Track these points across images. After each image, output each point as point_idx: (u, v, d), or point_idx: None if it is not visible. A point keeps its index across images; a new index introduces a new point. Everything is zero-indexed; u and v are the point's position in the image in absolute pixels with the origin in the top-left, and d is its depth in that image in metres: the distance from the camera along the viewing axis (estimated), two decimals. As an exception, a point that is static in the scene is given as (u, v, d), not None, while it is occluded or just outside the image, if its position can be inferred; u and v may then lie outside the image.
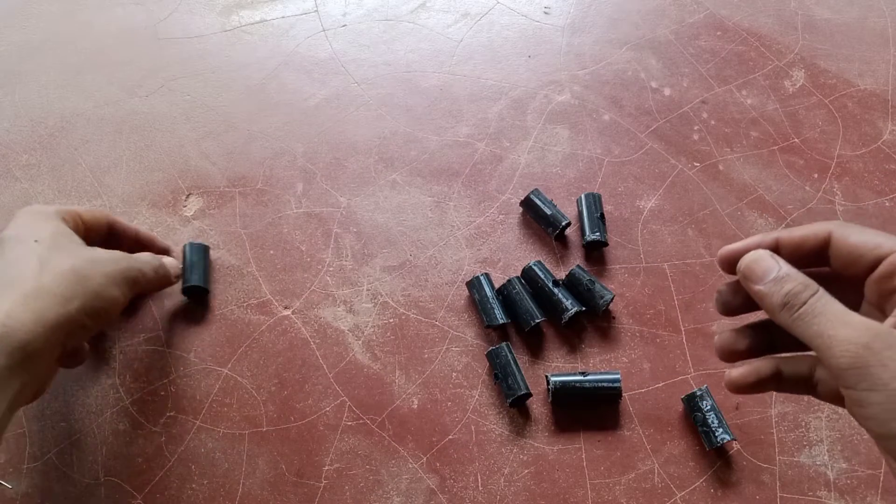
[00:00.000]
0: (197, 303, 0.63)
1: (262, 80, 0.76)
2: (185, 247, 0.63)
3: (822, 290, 0.30)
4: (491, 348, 0.58)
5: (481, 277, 0.61)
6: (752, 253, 0.33)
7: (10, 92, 0.76)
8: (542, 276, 0.60)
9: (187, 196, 0.69)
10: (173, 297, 0.63)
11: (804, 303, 0.29)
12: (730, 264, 0.35)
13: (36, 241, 0.45)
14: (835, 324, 0.28)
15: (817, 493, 0.54)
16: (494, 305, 0.59)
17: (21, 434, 0.57)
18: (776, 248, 0.33)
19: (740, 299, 0.36)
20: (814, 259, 0.33)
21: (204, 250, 0.63)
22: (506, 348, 0.57)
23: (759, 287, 0.32)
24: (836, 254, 0.32)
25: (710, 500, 0.54)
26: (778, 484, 0.54)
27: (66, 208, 0.51)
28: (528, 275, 0.61)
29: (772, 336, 0.36)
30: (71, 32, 0.80)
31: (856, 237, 0.31)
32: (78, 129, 0.73)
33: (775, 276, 0.31)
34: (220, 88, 0.76)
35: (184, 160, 0.71)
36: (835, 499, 0.54)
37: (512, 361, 0.57)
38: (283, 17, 0.81)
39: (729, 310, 0.37)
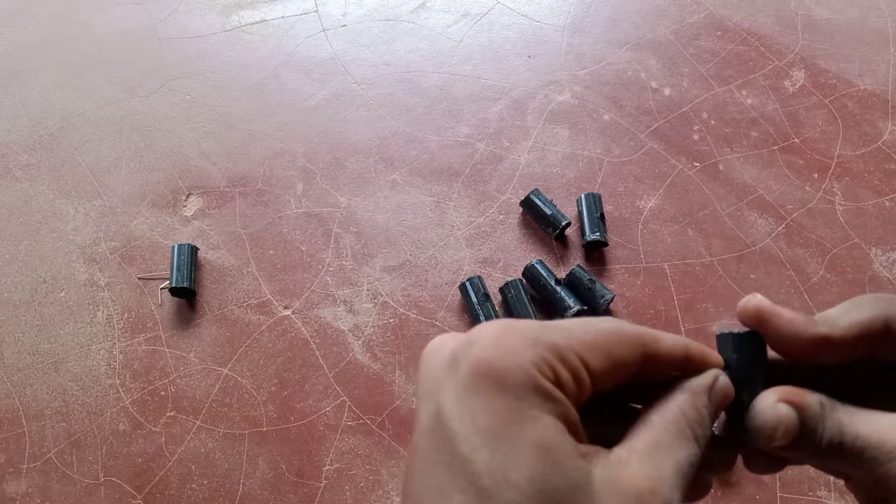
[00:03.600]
0: (188, 303, 0.63)
1: (262, 80, 0.76)
2: (173, 248, 0.63)
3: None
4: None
5: (467, 284, 0.61)
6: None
7: (10, 92, 0.76)
8: (545, 275, 0.60)
9: (187, 196, 0.69)
10: (173, 297, 0.63)
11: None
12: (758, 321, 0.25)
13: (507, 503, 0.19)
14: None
15: (817, 493, 0.54)
16: (480, 312, 0.59)
17: (21, 434, 0.57)
18: (823, 347, 0.24)
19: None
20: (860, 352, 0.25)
21: (192, 251, 0.63)
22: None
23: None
24: (893, 344, 0.24)
25: (710, 500, 0.54)
26: (778, 484, 0.54)
27: (554, 351, 0.22)
28: (530, 273, 0.61)
29: None
30: (71, 32, 0.80)
31: None
32: (78, 129, 0.73)
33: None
34: (220, 88, 0.76)
35: (184, 160, 0.71)
36: (835, 499, 0.54)
37: None
38: (283, 17, 0.81)
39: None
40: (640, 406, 0.25)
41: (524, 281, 0.62)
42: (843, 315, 0.24)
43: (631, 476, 0.21)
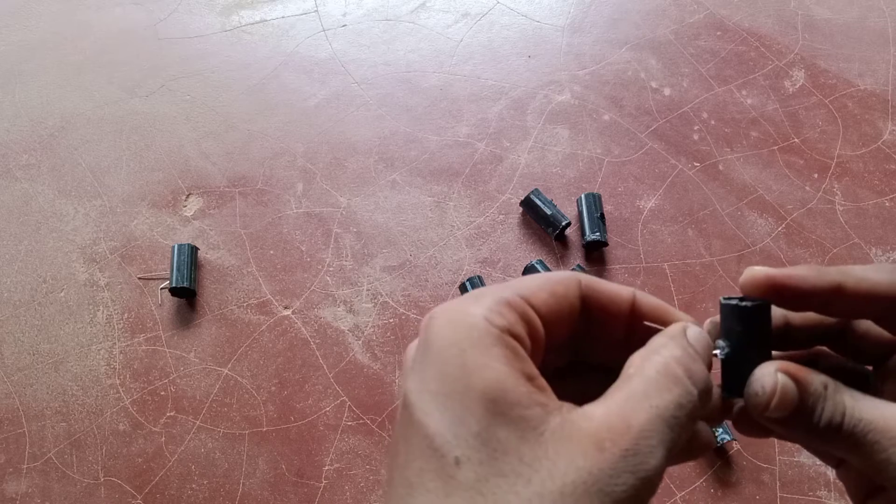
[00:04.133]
0: (188, 303, 0.63)
1: (262, 80, 0.76)
2: (173, 248, 0.63)
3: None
4: None
5: (467, 284, 0.61)
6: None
7: (10, 92, 0.76)
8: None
9: (187, 196, 0.69)
10: (173, 297, 0.63)
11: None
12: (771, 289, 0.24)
13: (457, 460, 0.20)
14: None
15: (817, 493, 0.54)
16: None
17: (21, 434, 0.57)
18: (835, 294, 0.24)
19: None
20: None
21: (192, 251, 0.63)
22: None
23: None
24: None
25: (710, 500, 0.54)
26: (778, 484, 0.54)
27: (497, 299, 0.22)
28: (529, 273, 0.61)
29: None
30: (71, 32, 0.80)
31: None
32: (78, 129, 0.73)
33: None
34: (220, 88, 0.76)
35: (184, 160, 0.71)
36: (835, 499, 0.54)
37: None
38: (283, 17, 0.81)
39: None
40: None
41: (524, 281, 0.62)
42: (859, 270, 0.24)
43: (592, 426, 0.19)
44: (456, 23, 0.81)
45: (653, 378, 0.21)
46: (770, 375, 0.23)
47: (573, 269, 0.61)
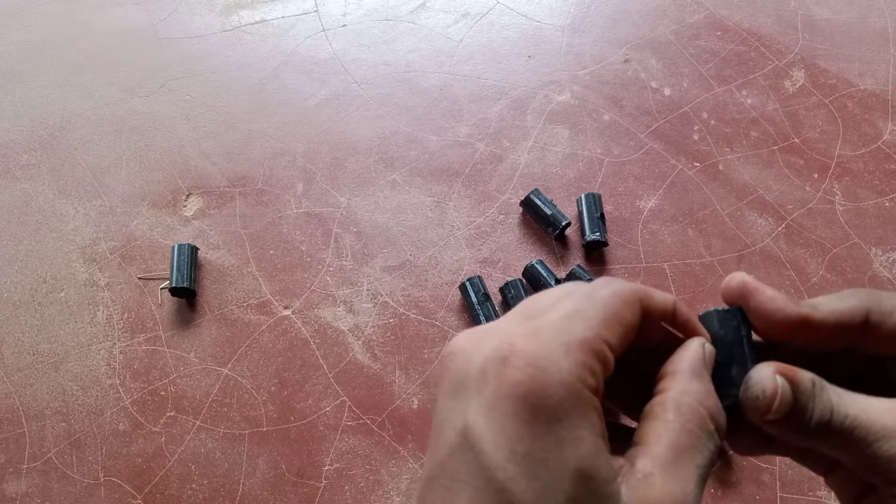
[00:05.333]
0: (188, 303, 0.63)
1: (262, 80, 0.76)
2: (173, 248, 0.63)
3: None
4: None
5: (467, 284, 0.61)
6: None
7: (10, 92, 0.76)
8: (545, 275, 0.60)
9: (187, 196, 0.69)
10: (173, 297, 0.63)
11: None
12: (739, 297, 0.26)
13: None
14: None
15: (817, 493, 0.54)
16: (480, 313, 0.59)
17: (21, 434, 0.57)
18: (801, 328, 0.24)
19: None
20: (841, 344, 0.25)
21: (192, 251, 0.63)
22: None
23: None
24: (876, 336, 0.24)
25: (710, 500, 0.54)
26: (778, 484, 0.54)
27: (586, 349, 0.21)
28: (530, 273, 0.61)
29: None
30: (71, 32, 0.80)
31: None
32: (78, 129, 0.73)
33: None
34: (220, 88, 0.76)
35: (184, 160, 0.71)
36: (834, 499, 0.54)
37: None
38: (283, 17, 0.81)
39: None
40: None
41: (524, 281, 0.62)
42: (827, 302, 0.24)
43: (657, 497, 0.20)
44: (456, 23, 0.81)
45: (694, 432, 0.22)
46: (769, 378, 0.23)
47: (573, 270, 0.61)
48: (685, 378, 0.23)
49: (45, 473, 0.55)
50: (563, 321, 0.21)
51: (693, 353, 0.24)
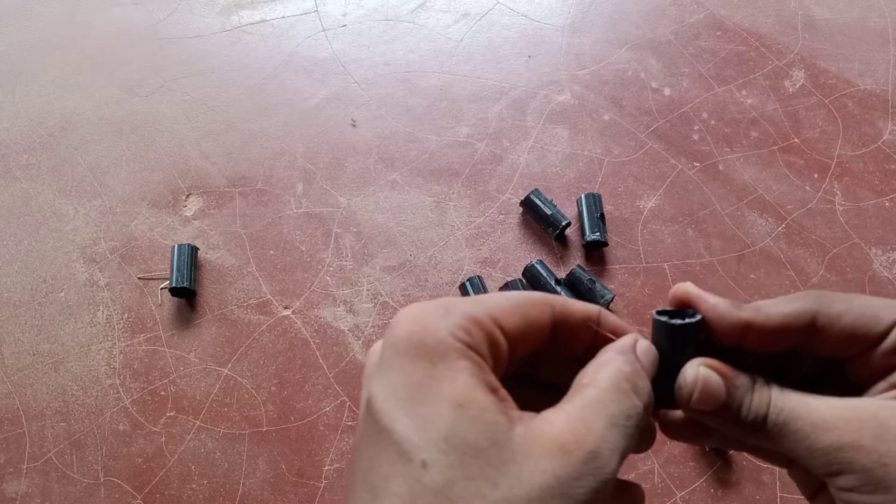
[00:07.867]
0: (188, 303, 0.63)
1: (262, 80, 0.76)
2: (173, 248, 0.63)
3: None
4: None
5: (467, 284, 0.61)
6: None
7: (10, 92, 0.76)
8: (545, 275, 0.60)
9: (187, 196, 0.69)
10: (173, 297, 0.63)
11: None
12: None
13: (424, 463, 0.20)
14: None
15: (817, 493, 0.54)
16: None
17: (21, 434, 0.57)
18: (746, 332, 0.25)
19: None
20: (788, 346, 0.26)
21: (192, 251, 0.63)
22: None
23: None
24: (824, 339, 0.25)
25: (710, 500, 0.54)
26: (778, 484, 0.54)
27: (466, 316, 0.23)
28: (530, 273, 0.61)
29: None
30: (71, 32, 0.80)
31: (847, 317, 0.24)
32: (78, 129, 0.73)
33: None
34: (220, 88, 0.76)
35: (184, 160, 0.71)
36: (835, 499, 0.54)
37: None
38: (283, 17, 0.81)
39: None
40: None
41: (524, 281, 0.62)
42: (771, 305, 0.25)
43: (555, 430, 0.21)
44: (456, 23, 0.81)
45: (606, 388, 0.22)
46: (692, 367, 0.24)
47: (573, 270, 0.61)
48: (606, 354, 0.24)
49: (44, 473, 0.55)
50: (452, 298, 0.24)
51: (621, 341, 0.25)
